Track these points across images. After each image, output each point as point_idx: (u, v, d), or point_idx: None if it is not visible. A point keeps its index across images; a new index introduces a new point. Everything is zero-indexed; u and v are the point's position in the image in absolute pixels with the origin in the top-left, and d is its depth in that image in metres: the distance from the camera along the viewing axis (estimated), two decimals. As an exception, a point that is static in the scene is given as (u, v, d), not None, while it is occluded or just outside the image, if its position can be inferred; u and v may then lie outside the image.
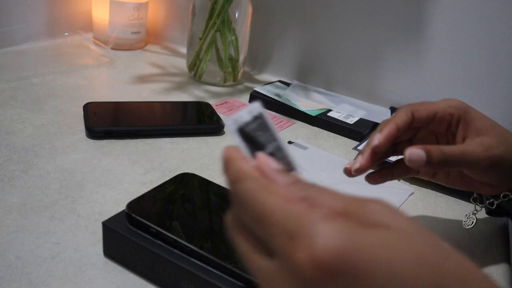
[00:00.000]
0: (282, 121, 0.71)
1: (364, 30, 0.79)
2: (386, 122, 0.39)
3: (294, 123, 0.71)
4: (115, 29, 0.92)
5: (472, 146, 0.38)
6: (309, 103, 0.75)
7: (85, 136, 0.57)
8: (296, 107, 0.72)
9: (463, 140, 0.40)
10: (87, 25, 0.97)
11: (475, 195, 0.46)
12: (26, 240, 0.38)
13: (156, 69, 0.86)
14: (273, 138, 0.26)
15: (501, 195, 0.42)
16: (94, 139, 0.56)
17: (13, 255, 0.37)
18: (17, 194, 0.44)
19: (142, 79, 0.80)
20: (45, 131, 0.56)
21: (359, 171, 0.38)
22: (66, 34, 0.94)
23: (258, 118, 0.27)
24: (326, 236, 0.18)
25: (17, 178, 0.47)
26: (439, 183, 0.44)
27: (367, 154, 0.38)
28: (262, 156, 0.24)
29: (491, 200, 0.44)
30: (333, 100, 0.79)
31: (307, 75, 0.87)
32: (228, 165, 0.24)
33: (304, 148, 0.62)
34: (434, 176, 0.43)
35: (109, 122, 0.60)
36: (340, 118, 0.71)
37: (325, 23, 0.82)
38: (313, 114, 0.71)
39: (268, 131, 0.26)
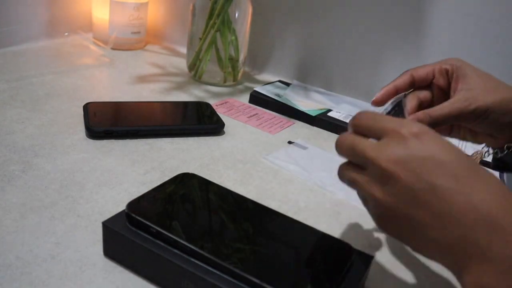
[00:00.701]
0: (282, 121, 0.71)
1: (364, 30, 0.79)
2: (389, 83, 0.46)
3: (294, 123, 0.71)
4: (115, 29, 0.92)
5: (456, 102, 0.43)
6: (309, 103, 0.75)
7: (85, 136, 0.57)
8: (296, 107, 0.72)
9: (455, 93, 0.44)
10: (87, 25, 0.97)
11: (483, 146, 0.50)
12: (26, 240, 0.38)
13: (156, 69, 0.86)
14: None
15: (505, 146, 0.46)
16: (94, 139, 0.56)
17: (13, 255, 0.37)
18: (17, 194, 0.44)
19: (142, 79, 0.80)
20: (45, 131, 0.56)
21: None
22: (66, 34, 0.94)
23: (396, 105, 0.41)
24: (416, 125, 0.32)
25: (17, 178, 0.47)
26: (455, 138, 0.49)
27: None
28: None
29: (496, 151, 0.48)
30: (333, 100, 0.79)
31: (307, 75, 0.87)
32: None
33: (304, 148, 0.62)
34: (450, 133, 0.49)
35: (109, 122, 0.60)
36: (340, 118, 0.71)
37: (325, 23, 0.82)
38: (313, 114, 0.71)
39: (402, 115, 0.41)
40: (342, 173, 0.35)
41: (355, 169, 0.34)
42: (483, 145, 0.50)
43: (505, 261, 0.27)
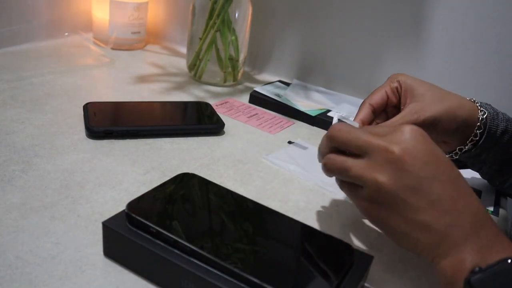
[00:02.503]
0: (282, 121, 0.71)
1: (364, 29, 0.79)
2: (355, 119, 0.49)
3: (294, 123, 0.71)
4: (115, 29, 0.92)
5: (406, 116, 0.46)
6: (309, 103, 0.75)
7: (85, 136, 0.57)
8: (296, 107, 0.72)
9: (404, 107, 0.47)
10: (87, 25, 0.97)
11: None
12: (26, 240, 0.38)
13: (156, 69, 0.86)
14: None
15: (457, 149, 0.50)
16: (94, 139, 0.56)
17: (13, 255, 0.37)
18: (17, 194, 0.44)
19: (142, 79, 0.80)
20: (45, 131, 0.56)
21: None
22: (66, 34, 0.94)
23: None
24: (400, 142, 0.35)
25: (17, 178, 0.47)
26: None
27: None
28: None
29: (451, 155, 0.52)
30: (333, 99, 0.79)
31: (307, 75, 0.87)
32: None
33: (304, 148, 0.62)
34: None
35: (109, 122, 0.60)
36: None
37: (325, 23, 0.82)
38: (313, 114, 0.71)
39: None
40: (331, 163, 0.38)
41: (348, 157, 0.37)
42: None
43: (480, 241, 0.32)
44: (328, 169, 0.39)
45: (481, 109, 0.48)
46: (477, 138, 0.48)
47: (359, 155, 0.36)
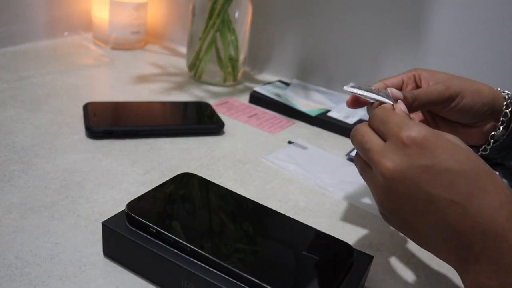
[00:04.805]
0: (282, 121, 0.71)
1: (364, 30, 0.79)
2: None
3: (294, 123, 0.71)
4: (115, 29, 0.92)
5: (433, 85, 0.44)
6: (309, 103, 0.75)
7: (85, 136, 0.57)
8: (296, 107, 0.72)
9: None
10: (87, 25, 0.97)
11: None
12: (26, 240, 0.38)
13: (156, 69, 0.86)
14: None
15: (489, 137, 0.46)
16: (94, 139, 0.56)
17: (13, 255, 0.37)
18: (17, 194, 0.44)
19: (142, 79, 0.80)
20: (45, 131, 0.56)
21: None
22: (66, 34, 0.94)
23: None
24: (417, 129, 0.32)
25: (17, 178, 0.46)
26: None
27: None
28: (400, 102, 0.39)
29: (484, 146, 0.48)
30: (333, 100, 0.79)
31: (307, 75, 0.87)
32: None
33: (304, 148, 0.62)
34: None
35: (109, 122, 0.60)
36: (340, 118, 0.71)
37: (325, 23, 0.82)
38: (313, 114, 0.71)
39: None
40: (358, 134, 0.36)
41: (377, 137, 0.35)
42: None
43: (497, 262, 0.29)
44: (352, 138, 0.37)
45: (502, 90, 0.47)
46: (508, 118, 0.46)
47: (384, 139, 0.34)
